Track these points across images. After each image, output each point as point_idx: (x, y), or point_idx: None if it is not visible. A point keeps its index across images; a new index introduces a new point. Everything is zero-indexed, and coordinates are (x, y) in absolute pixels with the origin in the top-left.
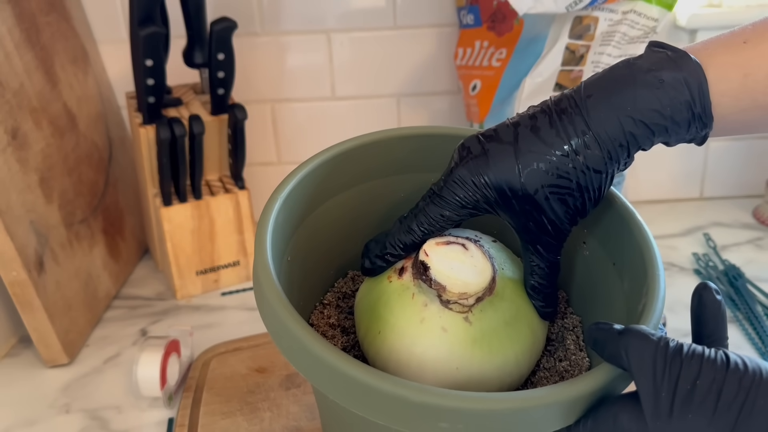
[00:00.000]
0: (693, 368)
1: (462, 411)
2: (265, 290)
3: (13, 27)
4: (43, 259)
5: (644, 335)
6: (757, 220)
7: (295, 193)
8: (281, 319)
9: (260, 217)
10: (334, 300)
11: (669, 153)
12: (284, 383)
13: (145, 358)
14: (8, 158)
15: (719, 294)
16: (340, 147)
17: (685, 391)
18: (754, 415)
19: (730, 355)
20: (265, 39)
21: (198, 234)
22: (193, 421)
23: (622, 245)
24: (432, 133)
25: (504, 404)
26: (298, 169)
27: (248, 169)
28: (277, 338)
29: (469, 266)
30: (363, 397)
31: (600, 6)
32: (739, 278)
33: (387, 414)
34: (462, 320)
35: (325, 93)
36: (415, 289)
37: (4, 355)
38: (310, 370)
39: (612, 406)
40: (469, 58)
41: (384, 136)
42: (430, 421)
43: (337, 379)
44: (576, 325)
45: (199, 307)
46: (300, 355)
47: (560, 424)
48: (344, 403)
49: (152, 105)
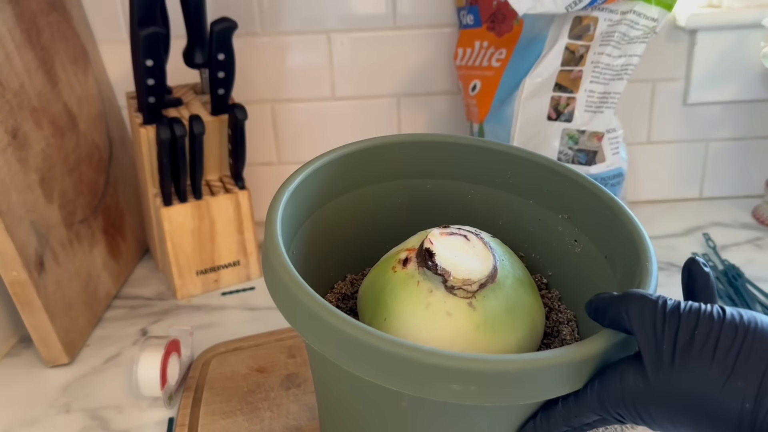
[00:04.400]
0: (691, 321)
1: (474, 372)
2: (275, 265)
3: (13, 27)
4: (43, 259)
5: (643, 296)
6: (757, 220)
7: (300, 190)
8: (287, 285)
9: (270, 206)
10: (334, 300)
11: (669, 153)
12: (284, 383)
13: (145, 358)
14: (8, 158)
15: (707, 266)
16: (342, 150)
17: (684, 341)
18: (751, 358)
19: (726, 308)
20: (265, 39)
21: (198, 234)
22: (193, 421)
23: (613, 237)
24: (432, 140)
25: (515, 365)
26: (303, 167)
27: (248, 169)
28: (282, 303)
29: (471, 255)
30: (376, 362)
31: (599, 6)
32: (739, 278)
33: (400, 378)
34: (466, 305)
35: (325, 93)
36: (420, 277)
37: (5, 355)
38: (321, 339)
39: (617, 367)
40: (469, 59)
41: (384, 142)
42: (443, 383)
43: (350, 345)
44: (570, 319)
45: (200, 307)
46: (313, 324)
47: (570, 387)
48: (357, 371)
49: (152, 105)
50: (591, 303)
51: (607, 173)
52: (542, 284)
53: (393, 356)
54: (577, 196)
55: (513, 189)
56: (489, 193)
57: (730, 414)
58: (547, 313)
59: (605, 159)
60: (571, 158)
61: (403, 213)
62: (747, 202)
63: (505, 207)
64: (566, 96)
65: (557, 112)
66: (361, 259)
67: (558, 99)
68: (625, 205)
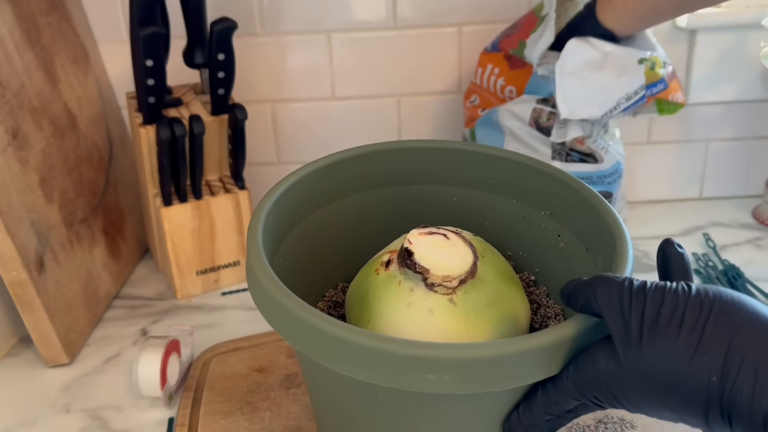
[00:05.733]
0: (657, 299)
1: (448, 361)
2: (252, 263)
3: (13, 27)
4: (43, 259)
5: (609, 278)
6: (757, 220)
7: (284, 200)
8: (266, 288)
9: (252, 217)
10: (325, 308)
11: (669, 153)
12: (284, 383)
13: (145, 358)
14: (9, 158)
15: (681, 247)
16: (325, 161)
17: (650, 319)
18: (716, 332)
19: (691, 285)
20: (265, 39)
21: (198, 234)
22: (193, 421)
23: (593, 229)
24: (414, 147)
25: (487, 351)
26: (286, 178)
27: (248, 169)
28: (261, 305)
29: (451, 252)
30: (351, 356)
31: None
32: (739, 278)
33: (376, 371)
34: (447, 301)
35: (325, 93)
36: (401, 277)
37: (5, 355)
38: (298, 338)
39: (589, 350)
40: (481, 77)
41: (368, 151)
42: (418, 373)
43: (325, 341)
44: (558, 313)
45: (200, 306)
46: (289, 323)
47: (545, 373)
48: (334, 367)
49: (152, 105)
50: (563, 290)
51: (604, 172)
52: (530, 281)
53: (365, 349)
54: (556, 191)
55: (496, 189)
56: (473, 194)
57: (698, 388)
58: (536, 309)
59: (600, 159)
60: (564, 158)
61: (391, 219)
62: (747, 202)
63: (490, 207)
64: (548, 110)
65: (538, 125)
66: (351, 267)
67: (540, 111)
68: (601, 195)
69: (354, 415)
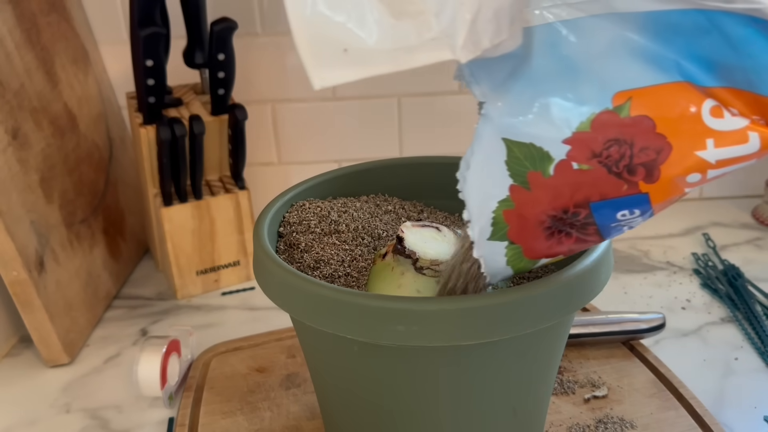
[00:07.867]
0: None
1: (415, 312)
2: (259, 255)
3: (13, 27)
4: (43, 259)
5: None
6: (757, 220)
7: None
8: (261, 259)
9: (257, 219)
10: None
11: None
12: (284, 383)
13: (145, 358)
14: (9, 158)
15: None
16: (325, 176)
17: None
18: None
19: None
20: (265, 39)
21: (198, 234)
22: (193, 421)
23: None
24: (418, 162)
25: (454, 305)
26: (285, 192)
27: (248, 169)
28: (257, 272)
29: (442, 242)
30: (329, 312)
31: None
32: (739, 278)
33: (351, 325)
34: (434, 283)
35: (325, 93)
36: (394, 263)
37: (5, 355)
38: (286, 299)
39: None
40: None
41: (373, 166)
42: (388, 325)
43: (307, 299)
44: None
45: (200, 306)
46: (277, 286)
47: (511, 331)
48: (315, 323)
49: (152, 105)
50: None
51: None
52: None
53: (342, 303)
54: None
55: None
56: None
57: None
58: None
59: None
60: None
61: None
62: (747, 202)
63: None
64: None
65: None
66: None
67: None
68: None
69: (333, 373)
